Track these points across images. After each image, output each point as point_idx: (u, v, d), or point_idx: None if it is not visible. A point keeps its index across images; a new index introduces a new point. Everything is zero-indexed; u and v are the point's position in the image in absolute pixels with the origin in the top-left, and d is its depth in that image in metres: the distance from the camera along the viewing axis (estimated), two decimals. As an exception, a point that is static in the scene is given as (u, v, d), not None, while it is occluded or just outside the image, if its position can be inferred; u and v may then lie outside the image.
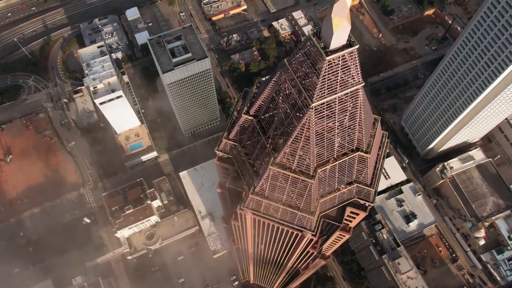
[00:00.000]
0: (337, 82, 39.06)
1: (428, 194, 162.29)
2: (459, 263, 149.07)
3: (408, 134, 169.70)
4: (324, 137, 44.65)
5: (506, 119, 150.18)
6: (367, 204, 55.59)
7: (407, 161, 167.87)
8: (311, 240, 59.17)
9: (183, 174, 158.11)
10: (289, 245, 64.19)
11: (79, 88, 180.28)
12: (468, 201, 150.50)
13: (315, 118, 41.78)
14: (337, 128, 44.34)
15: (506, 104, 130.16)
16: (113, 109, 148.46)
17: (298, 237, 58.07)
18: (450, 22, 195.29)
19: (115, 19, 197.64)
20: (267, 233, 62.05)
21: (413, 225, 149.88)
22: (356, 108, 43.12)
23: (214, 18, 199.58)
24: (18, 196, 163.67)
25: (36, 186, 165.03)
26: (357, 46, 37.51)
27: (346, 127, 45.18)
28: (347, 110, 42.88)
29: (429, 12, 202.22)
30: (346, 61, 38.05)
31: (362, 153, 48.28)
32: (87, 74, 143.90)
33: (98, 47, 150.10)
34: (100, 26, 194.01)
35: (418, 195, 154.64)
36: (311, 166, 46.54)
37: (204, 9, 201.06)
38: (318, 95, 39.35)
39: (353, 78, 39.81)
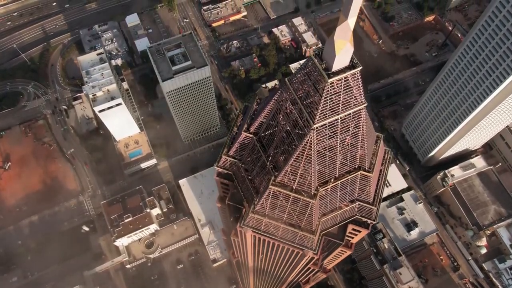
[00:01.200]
0: (339, 103, 38.32)
1: (429, 202, 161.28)
2: (460, 272, 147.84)
3: (409, 141, 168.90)
4: (326, 156, 43.85)
5: (507, 126, 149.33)
6: (369, 221, 54.70)
7: (407, 169, 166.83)
8: (312, 258, 58.26)
9: (183, 182, 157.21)
10: (290, 261, 63.24)
11: (78, 95, 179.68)
12: (469, 209, 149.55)
13: (316, 138, 41.00)
14: (339, 147, 43.55)
15: (507, 112, 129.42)
16: (112, 117, 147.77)
17: (299, 255, 57.16)
18: (450, 28, 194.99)
19: (115, 26, 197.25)
20: (268, 250, 61.06)
21: (414, 233, 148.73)
22: (359, 128, 42.34)
23: (214, 25, 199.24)
24: (17, 204, 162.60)
25: (35, 193, 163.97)
26: (360, 68, 36.77)
27: (348, 146, 44.40)
28: (349, 130, 42.12)
29: (429, 18, 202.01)
30: (349, 82, 37.33)
31: (364, 172, 47.46)
32: (87, 82, 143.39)
33: (98, 54, 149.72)
34: (100, 32, 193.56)
35: (419, 203, 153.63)
36: (312, 185, 45.70)
37: (204, 16, 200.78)
38: (320, 116, 38.59)
39: (356, 98, 39.08)
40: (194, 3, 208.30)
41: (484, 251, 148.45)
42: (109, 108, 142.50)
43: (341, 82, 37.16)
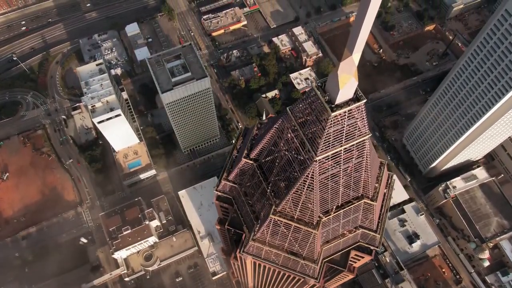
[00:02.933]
0: (342, 135, 37.19)
1: (430, 214, 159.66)
2: (463, 285, 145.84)
3: (410, 152, 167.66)
4: (328, 186, 42.61)
5: (509, 137, 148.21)
6: (372, 248, 53.38)
7: (409, 180, 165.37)
8: (314, 284, 56.85)
9: (182, 193, 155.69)
10: (291, 287, 61.82)
11: (77, 104, 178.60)
12: (471, 222, 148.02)
13: (319, 169, 39.79)
14: (342, 177, 42.34)
15: (510, 124, 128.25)
16: (111, 128, 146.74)
17: (301, 281, 55.77)
18: (450, 37, 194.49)
19: (115, 35, 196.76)
20: (268, 275, 59.65)
21: (416, 245, 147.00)
22: (362, 158, 41.19)
23: (214, 34, 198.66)
24: (14, 215, 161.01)
25: (33, 204, 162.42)
26: (364, 101, 35.65)
27: (351, 176, 43.16)
28: (352, 159, 40.94)
29: (430, 27, 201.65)
30: (353, 114, 36.21)
31: (368, 201, 46.18)
32: (86, 93, 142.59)
33: (97, 65, 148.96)
34: (99, 41, 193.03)
35: (421, 215, 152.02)
36: (314, 215, 44.44)
37: (204, 25, 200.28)
38: (323, 148, 37.46)
39: (360, 130, 37.95)
40: (194, 12, 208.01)
41: (486, 264, 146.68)
42: (108, 119, 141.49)
43: (345, 115, 36.03)
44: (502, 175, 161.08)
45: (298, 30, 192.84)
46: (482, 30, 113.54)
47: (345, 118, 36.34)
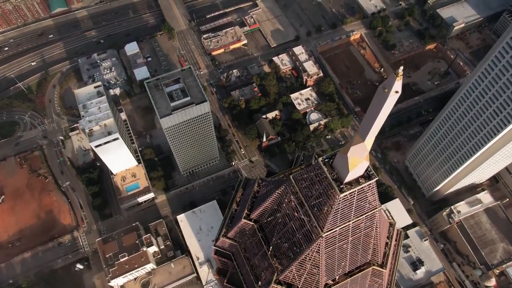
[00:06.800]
0: (351, 211, 34.50)
1: (434, 238, 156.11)
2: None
3: (413, 174, 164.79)
4: (335, 256, 39.77)
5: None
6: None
7: (412, 203, 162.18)
8: None
9: (181, 217, 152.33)
10: None
11: (75, 125, 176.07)
12: (477, 248, 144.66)
13: (325, 244, 36.98)
14: (350, 248, 39.50)
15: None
16: (109, 151, 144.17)
17: None
18: (452, 56, 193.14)
19: (114, 54, 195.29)
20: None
21: (421, 272, 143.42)
22: (372, 228, 38.41)
23: (214, 53, 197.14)
24: (9, 239, 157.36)
25: (28, 228, 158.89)
26: (375, 179, 33.03)
27: (359, 245, 40.37)
28: (361, 231, 38.18)
29: (431, 46, 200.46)
30: (363, 191, 33.56)
31: (376, 267, 43.28)
32: (83, 116, 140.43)
33: (95, 87, 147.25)
34: (98, 61, 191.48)
35: (425, 240, 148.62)
36: (319, 286, 41.48)
37: (204, 44, 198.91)
38: (330, 225, 34.72)
39: (370, 203, 35.30)
40: (194, 31, 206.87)
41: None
42: (105, 143, 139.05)
43: (355, 194, 33.36)
44: (508, 199, 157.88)
45: (298, 50, 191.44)
46: (487, 56, 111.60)
47: (354, 196, 33.69)
